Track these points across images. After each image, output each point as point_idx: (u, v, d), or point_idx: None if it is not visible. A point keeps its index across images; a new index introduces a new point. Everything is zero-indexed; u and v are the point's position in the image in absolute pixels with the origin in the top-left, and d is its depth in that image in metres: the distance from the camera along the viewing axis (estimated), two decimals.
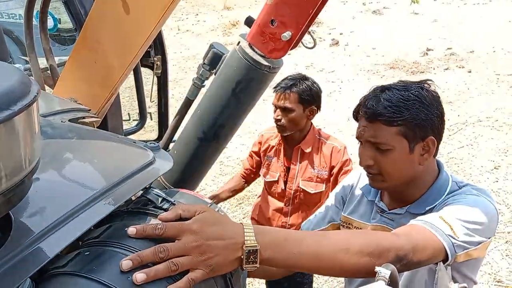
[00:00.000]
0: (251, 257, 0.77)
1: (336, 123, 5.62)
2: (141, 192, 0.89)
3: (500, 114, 5.55)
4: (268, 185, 2.35)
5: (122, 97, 2.21)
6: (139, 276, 0.69)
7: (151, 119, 2.35)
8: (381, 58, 8.19)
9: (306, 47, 1.14)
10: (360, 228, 1.36)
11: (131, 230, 0.76)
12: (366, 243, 0.88)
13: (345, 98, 6.45)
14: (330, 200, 1.47)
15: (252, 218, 2.56)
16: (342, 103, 6.27)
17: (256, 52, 1.09)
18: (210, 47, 1.22)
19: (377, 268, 0.87)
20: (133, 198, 0.96)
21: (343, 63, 8.05)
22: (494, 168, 4.41)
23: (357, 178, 1.43)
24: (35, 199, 0.77)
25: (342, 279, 2.95)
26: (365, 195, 1.37)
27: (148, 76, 2.21)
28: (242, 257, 0.77)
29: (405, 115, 1.13)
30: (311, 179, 2.22)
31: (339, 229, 1.42)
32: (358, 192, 1.39)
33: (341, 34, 9.74)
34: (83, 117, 1.19)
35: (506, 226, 3.56)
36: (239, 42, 1.11)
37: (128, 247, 0.77)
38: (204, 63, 1.24)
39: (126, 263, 0.71)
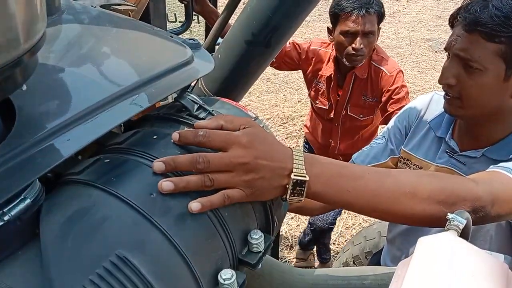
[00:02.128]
0: (298, 188, 0.64)
1: (397, 47, 5.20)
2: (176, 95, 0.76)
3: None
4: (318, 109, 2.22)
5: None
6: (165, 185, 0.58)
7: (198, 23, 2.17)
8: None
9: None
10: (421, 167, 1.19)
11: (175, 135, 0.64)
12: (438, 188, 0.72)
13: (409, 20, 5.90)
14: (391, 128, 1.28)
15: (306, 126, 2.48)
16: (405, 25, 5.76)
17: None
18: None
19: (449, 215, 0.72)
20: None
21: None
22: None
23: (426, 103, 1.21)
24: (51, 90, 0.65)
25: None
26: (433, 130, 1.16)
27: None
28: (287, 186, 0.65)
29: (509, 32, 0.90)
30: (360, 105, 2.05)
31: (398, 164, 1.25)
32: (425, 122, 1.19)
33: None
34: (118, 4, 1.03)
35: None
36: None
37: (155, 158, 0.64)
38: None
39: (158, 165, 0.60)
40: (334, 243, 2.87)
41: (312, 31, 5.47)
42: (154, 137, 0.69)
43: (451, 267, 0.62)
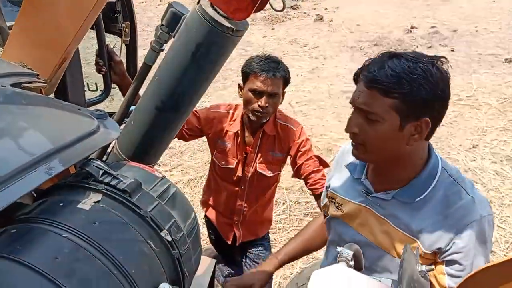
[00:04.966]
0: None
1: (317, 100, 5.55)
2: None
3: (480, 94, 5.55)
4: (223, 171, 2.20)
5: (91, 68, 2.09)
6: None
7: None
8: (365, 34, 8.10)
9: (275, 9, 1.04)
10: (341, 204, 1.31)
11: None
12: None
13: (328, 75, 6.36)
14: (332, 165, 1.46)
15: (204, 202, 2.44)
16: (324, 80, 6.19)
17: (217, 12, 0.99)
18: (169, 7, 1.11)
19: (338, 249, 0.82)
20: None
21: (326, 39, 7.93)
22: (472, 147, 4.42)
23: (342, 150, 1.39)
24: None
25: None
26: (351, 172, 1.30)
27: (114, 44, 2.08)
28: None
29: (405, 89, 1.02)
30: (268, 162, 2.12)
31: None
32: (343, 166, 1.33)
33: (326, 9, 9.59)
34: (29, 82, 1.08)
35: None
36: (199, 1, 1.01)
37: (61, 224, 0.69)
38: (162, 25, 1.13)
39: None
40: None
41: (229, 94, 5.74)
42: (61, 204, 0.73)
43: None
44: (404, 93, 1.02)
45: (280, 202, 3.71)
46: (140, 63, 2.19)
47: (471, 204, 1.10)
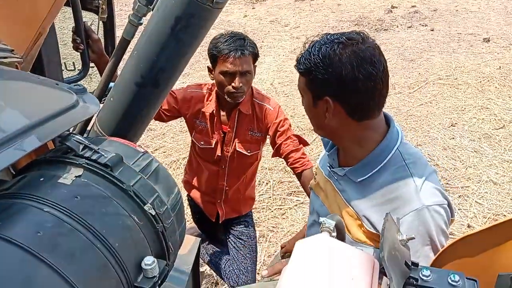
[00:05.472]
0: None
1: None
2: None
3: (459, 73, 5.63)
4: (203, 151, 2.19)
5: (68, 49, 2.03)
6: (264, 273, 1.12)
7: None
8: (346, 14, 8.10)
9: None
10: (316, 174, 1.38)
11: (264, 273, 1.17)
12: None
13: None
14: None
15: (186, 182, 2.45)
16: None
17: None
18: None
19: (321, 219, 0.82)
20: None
21: (308, 19, 7.90)
22: (451, 125, 4.50)
23: None
24: None
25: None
26: (324, 146, 1.34)
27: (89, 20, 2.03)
28: None
29: (307, 69, 1.10)
30: (247, 141, 2.12)
31: None
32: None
33: None
34: (4, 57, 1.05)
35: (460, 181, 3.66)
36: None
37: (42, 199, 0.67)
38: None
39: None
40: (258, 273, 2.92)
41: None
42: (41, 179, 0.71)
43: (324, 263, 0.71)
44: (306, 72, 1.11)
45: (263, 182, 3.73)
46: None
47: (413, 193, 1.08)
